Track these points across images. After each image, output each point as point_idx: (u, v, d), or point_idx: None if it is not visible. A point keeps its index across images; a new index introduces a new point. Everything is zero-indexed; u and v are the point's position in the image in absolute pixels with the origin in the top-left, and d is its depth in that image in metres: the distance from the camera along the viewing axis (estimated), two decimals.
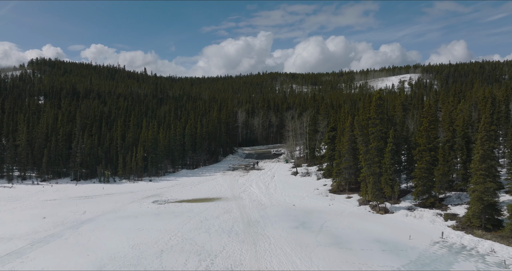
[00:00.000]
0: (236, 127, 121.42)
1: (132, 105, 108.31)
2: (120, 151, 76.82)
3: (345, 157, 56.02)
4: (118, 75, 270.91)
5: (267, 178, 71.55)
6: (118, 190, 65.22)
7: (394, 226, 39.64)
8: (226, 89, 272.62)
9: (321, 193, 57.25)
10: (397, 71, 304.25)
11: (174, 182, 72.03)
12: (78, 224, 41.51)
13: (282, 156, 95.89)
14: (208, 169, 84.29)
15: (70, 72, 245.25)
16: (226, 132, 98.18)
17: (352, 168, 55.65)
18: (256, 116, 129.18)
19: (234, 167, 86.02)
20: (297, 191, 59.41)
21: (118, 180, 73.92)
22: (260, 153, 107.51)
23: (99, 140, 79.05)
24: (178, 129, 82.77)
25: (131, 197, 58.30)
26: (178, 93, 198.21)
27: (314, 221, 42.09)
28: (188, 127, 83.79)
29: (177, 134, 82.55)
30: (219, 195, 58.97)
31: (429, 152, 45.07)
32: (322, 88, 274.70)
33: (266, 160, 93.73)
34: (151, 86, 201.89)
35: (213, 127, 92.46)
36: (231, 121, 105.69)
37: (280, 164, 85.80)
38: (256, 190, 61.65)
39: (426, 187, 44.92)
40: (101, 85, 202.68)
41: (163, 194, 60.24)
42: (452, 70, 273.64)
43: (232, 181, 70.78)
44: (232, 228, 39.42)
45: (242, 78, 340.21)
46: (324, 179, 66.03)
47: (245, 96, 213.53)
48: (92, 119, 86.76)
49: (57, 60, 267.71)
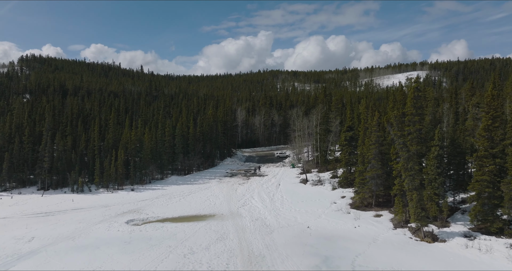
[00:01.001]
0: (235, 127, 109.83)
1: (119, 103, 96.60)
2: (98, 154, 65.17)
3: (371, 163, 44.37)
4: (112, 73, 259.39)
5: (271, 187, 59.95)
6: (91, 202, 53.59)
7: (454, 265, 28.00)
8: (225, 88, 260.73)
9: (340, 208, 45.61)
10: (403, 68, 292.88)
11: (161, 191, 60.39)
12: (12, 261, 29.86)
13: (287, 160, 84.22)
14: (202, 175, 72.60)
15: (62, 69, 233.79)
16: (223, 132, 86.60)
17: (381, 178, 44.02)
18: (257, 115, 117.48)
19: (233, 173, 74.33)
20: (310, 205, 47.77)
21: (95, 189, 62.30)
22: (262, 156, 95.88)
23: (74, 142, 67.40)
24: (167, 129, 71.09)
25: (102, 213, 46.63)
26: (174, 91, 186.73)
27: (341, 254, 30.46)
28: (179, 127, 72.15)
29: (166, 135, 70.90)
30: (213, 211, 47.35)
31: (493, 159, 33.44)
32: (325, 86, 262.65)
33: (269, 164, 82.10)
34: (146, 84, 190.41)
35: (209, 127, 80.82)
36: (229, 120, 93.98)
37: (285, 169, 74.19)
38: (259, 204, 50.05)
39: (490, 206, 33.27)
40: (92, 82, 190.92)
41: (143, 209, 48.62)
42: (461, 67, 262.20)
43: (229, 190, 59.17)
44: (227, 269, 27.83)
45: (242, 76, 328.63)
46: (341, 189, 54.44)
47: (245, 94, 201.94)
48: (69, 118, 75.04)
49: (49, 57, 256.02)
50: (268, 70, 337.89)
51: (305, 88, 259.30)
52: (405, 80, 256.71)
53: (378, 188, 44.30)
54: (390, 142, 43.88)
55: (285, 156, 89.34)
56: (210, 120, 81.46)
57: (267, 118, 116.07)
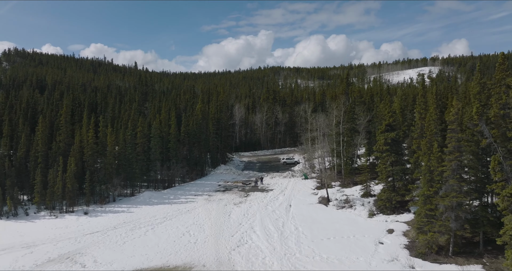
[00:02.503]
0: (232, 126, 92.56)
1: (85, 97, 79.11)
2: (42, 162, 47.83)
3: (447, 184, 27.01)
4: (102, 68, 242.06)
5: (279, 210, 42.60)
6: (13, 238, 36.29)
7: None
8: (224, 85, 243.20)
9: (394, 255, 28.23)
10: (412, 64, 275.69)
11: (124, 216, 43.06)
12: None
13: (296, 167, 66.80)
14: (186, 190, 55.17)
15: (47, 64, 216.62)
16: (216, 132, 69.16)
17: (466, 209, 26.69)
18: (258, 113, 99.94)
19: (227, 186, 56.92)
20: (343, 248, 30.44)
21: (34, 212, 44.94)
22: (265, 161, 78.41)
23: (11, 146, 50.08)
24: (139, 129, 53.71)
25: (11, 265, 29.28)
26: (166, 87, 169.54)
27: None
28: (156, 126, 54.78)
29: (138, 137, 53.54)
30: (191, 258, 30.07)
31: None
32: (331, 82, 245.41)
33: (274, 173, 64.61)
34: (135, 79, 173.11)
35: (197, 126, 63.34)
36: (224, 117, 76.18)
37: (296, 181, 56.86)
38: (263, 242, 32.74)
39: None
40: (75, 77, 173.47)
41: (83, 253, 31.31)
42: (476, 62, 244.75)
43: (220, 215, 41.86)
44: None
45: (242, 73, 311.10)
46: (383, 216, 37.16)
47: (244, 91, 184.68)
48: (10, 115, 57.62)
49: (33, 52, 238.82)
50: (269, 67, 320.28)
51: (308, 85, 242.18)
52: (417, 76, 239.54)
53: (460, 226, 26.89)
54: (482, 150, 26.65)
55: (293, 162, 71.90)
56: (199, 118, 63.99)
57: (270, 116, 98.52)
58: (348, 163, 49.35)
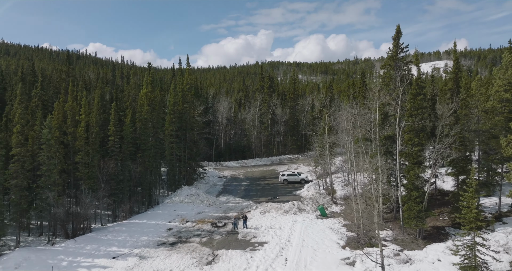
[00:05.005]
0: (210, 125, 67.64)
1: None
2: None
3: None
4: (80, 61, 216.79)
5: None
6: None
7: None
8: (217, 80, 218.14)
9: None
10: (425, 58, 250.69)
11: None
12: None
13: (305, 190, 41.65)
14: (105, 240, 30.15)
15: (15, 56, 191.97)
16: (176, 135, 43.91)
17: None
18: (251, 107, 74.95)
19: (182, 231, 31.73)
20: None
21: None
22: (256, 178, 53.07)
23: None
24: (25, 131, 28.70)
25: None
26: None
27: None
28: (49, 123, 29.78)
29: (17, 145, 28.51)
30: None
31: None
32: (336, 77, 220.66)
33: (267, 203, 39.53)
34: (108, 72, 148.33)
35: (142, 124, 38.31)
36: (192, 111, 49.90)
37: (306, 221, 31.92)
38: None
39: None
40: (44, 69, 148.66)
41: None
42: (497, 55, 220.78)
43: None
44: None
45: (238, 69, 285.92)
46: None
47: (238, 85, 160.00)
48: None
49: (3, 42, 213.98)
50: (267, 62, 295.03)
51: (311, 81, 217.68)
52: (431, 70, 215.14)
53: None
54: None
55: (299, 180, 46.43)
56: (143, 111, 38.87)
57: (265, 112, 73.26)
58: (415, 199, 24.38)
